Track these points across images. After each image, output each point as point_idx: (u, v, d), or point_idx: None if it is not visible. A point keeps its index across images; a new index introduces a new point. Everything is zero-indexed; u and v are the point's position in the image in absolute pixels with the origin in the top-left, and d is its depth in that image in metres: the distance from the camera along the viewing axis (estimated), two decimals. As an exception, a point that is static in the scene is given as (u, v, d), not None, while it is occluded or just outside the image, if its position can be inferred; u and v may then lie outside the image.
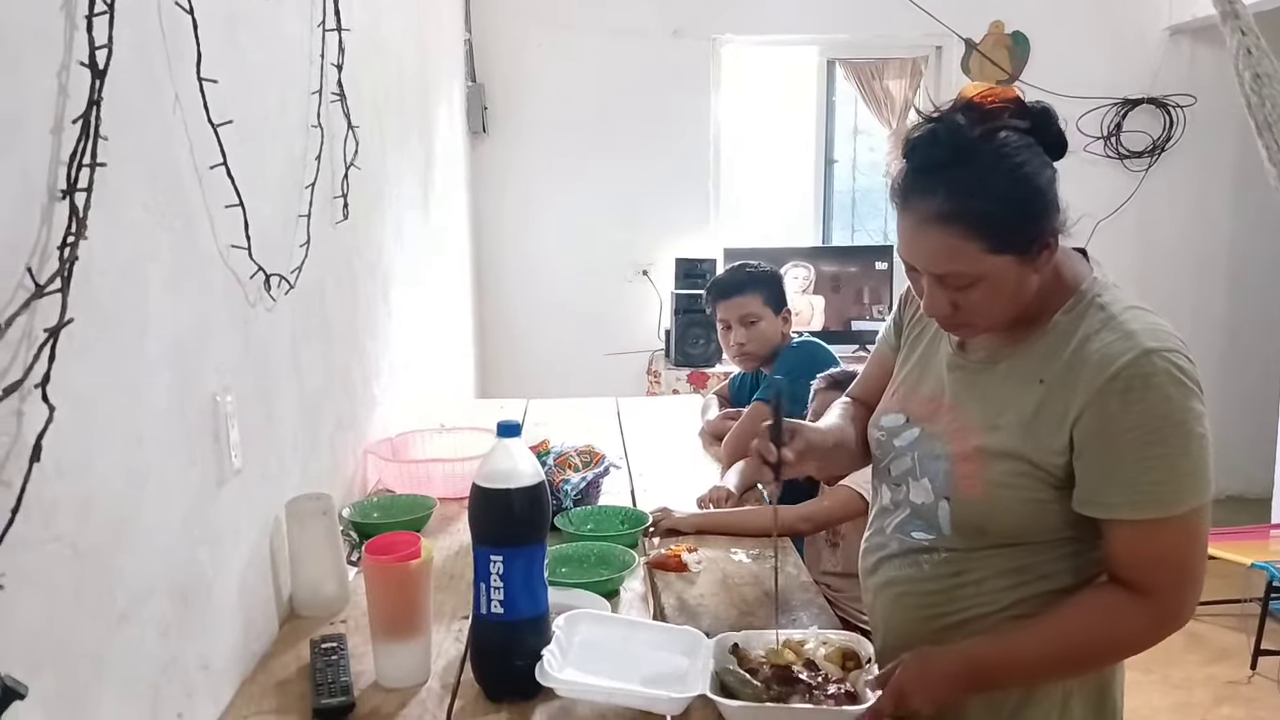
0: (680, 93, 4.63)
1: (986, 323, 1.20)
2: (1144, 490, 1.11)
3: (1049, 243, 1.15)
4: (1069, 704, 1.23)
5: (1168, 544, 1.12)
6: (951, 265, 1.14)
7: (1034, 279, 1.17)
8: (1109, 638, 1.16)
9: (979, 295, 1.15)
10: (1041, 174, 1.14)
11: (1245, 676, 3.30)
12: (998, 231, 1.11)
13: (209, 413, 1.24)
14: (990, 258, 1.12)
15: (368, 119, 2.10)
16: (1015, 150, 1.13)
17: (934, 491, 1.25)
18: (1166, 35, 4.66)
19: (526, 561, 1.21)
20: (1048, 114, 1.18)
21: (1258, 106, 1.01)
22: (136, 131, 1.05)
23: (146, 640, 1.06)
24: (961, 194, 1.11)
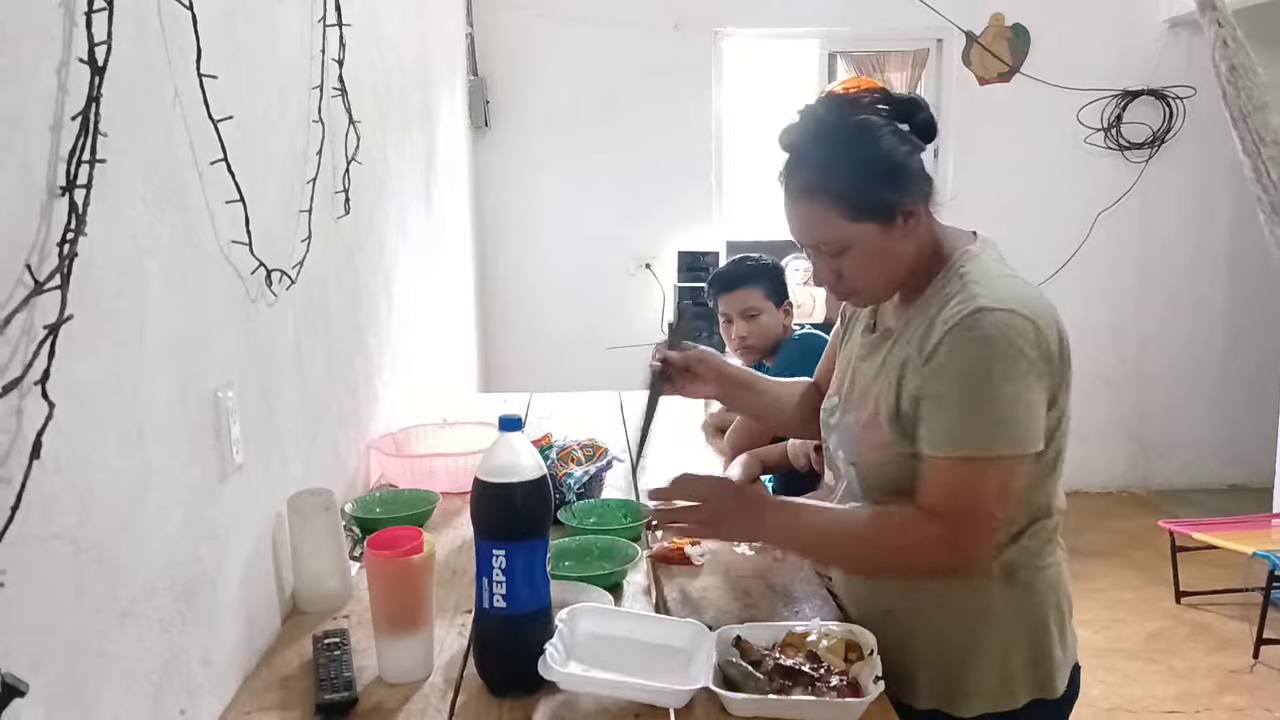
0: (682, 86, 4.63)
1: (869, 289, 1.34)
2: (950, 428, 1.21)
3: (910, 210, 1.27)
4: (1008, 656, 1.31)
5: (957, 481, 1.21)
6: (819, 234, 1.29)
7: (904, 246, 1.29)
8: (895, 544, 1.27)
9: (853, 261, 1.29)
10: (896, 148, 1.27)
11: (1248, 665, 3.31)
12: (854, 200, 1.25)
13: (210, 408, 1.24)
14: (852, 225, 1.26)
15: (369, 114, 2.10)
16: (872, 128, 1.27)
17: (845, 460, 1.39)
18: (1166, 27, 4.65)
19: (529, 555, 1.21)
20: (914, 102, 1.31)
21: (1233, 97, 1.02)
22: (136, 128, 1.05)
23: (148, 637, 1.06)
24: (819, 169, 1.27)
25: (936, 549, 1.24)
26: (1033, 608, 1.32)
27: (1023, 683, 1.31)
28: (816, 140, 1.28)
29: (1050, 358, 1.22)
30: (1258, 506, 4.02)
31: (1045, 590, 1.33)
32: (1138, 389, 5.00)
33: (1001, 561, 1.29)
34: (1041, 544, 1.32)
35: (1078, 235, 4.80)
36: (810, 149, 1.28)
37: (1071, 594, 1.38)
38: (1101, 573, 4.03)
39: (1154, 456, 5.06)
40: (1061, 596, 1.35)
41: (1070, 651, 1.36)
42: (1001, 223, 4.65)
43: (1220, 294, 4.93)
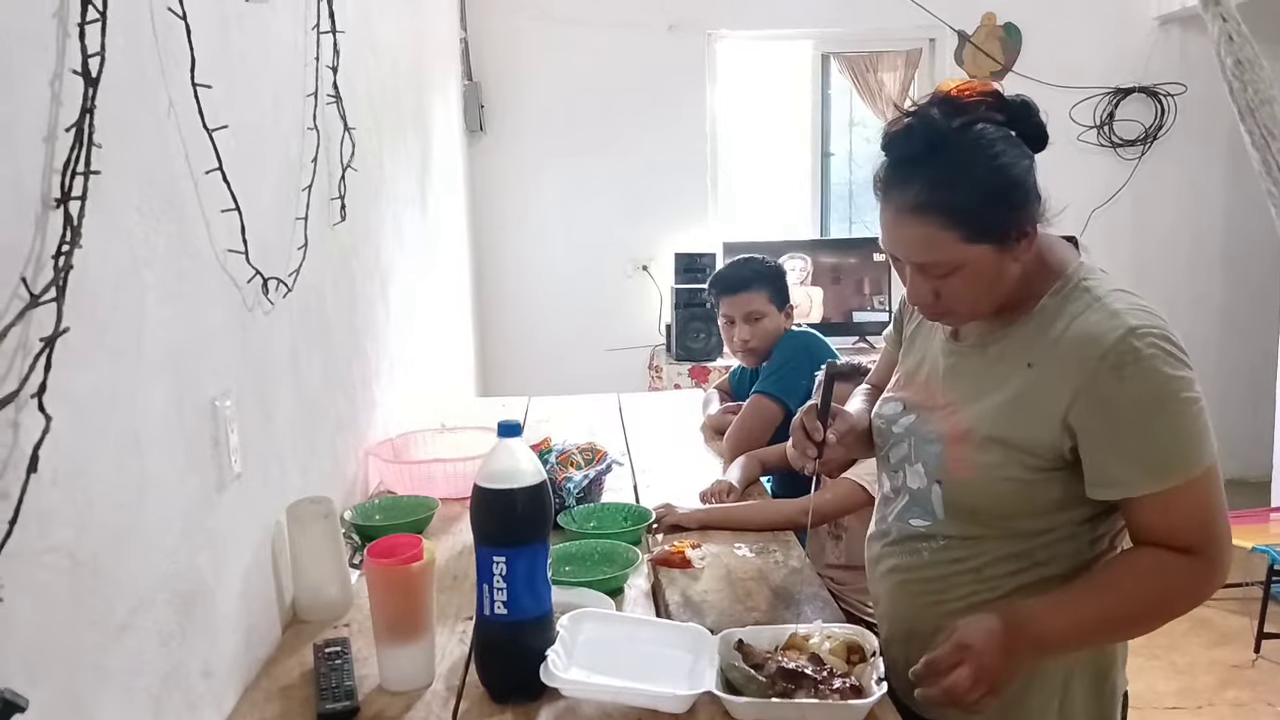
0: (677, 88, 4.63)
1: (968, 310, 1.24)
2: (1154, 463, 1.13)
3: (1026, 231, 1.18)
4: (1070, 685, 1.25)
5: (1192, 506, 1.14)
6: (930, 255, 1.18)
7: (1014, 267, 1.19)
8: (1161, 594, 1.17)
9: (958, 283, 1.18)
10: (1017, 164, 1.17)
11: (1249, 660, 3.31)
12: (973, 221, 1.15)
13: (208, 418, 1.23)
14: (967, 247, 1.15)
15: (364, 120, 2.10)
16: (990, 142, 1.16)
17: (927, 475, 1.28)
18: (1156, 24, 4.66)
19: (530, 561, 1.21)
20: (1026, 106, 1.21)
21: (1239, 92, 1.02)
22: (131, 138, 1.05)
23: (147, 649, 1.05)
24: (937, 185, 1.15)
25: (1202, 580, 1.17)
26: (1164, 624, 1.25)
27: (1082, 711, 1.26)
28: (931, 150, 1.16)
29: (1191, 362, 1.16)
30: (1256, 500, 4.01)
31: None
32: (1135, 385, 5.01)
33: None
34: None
35: (1072, 232, 4.78)
36: (923, 160, 1.16)
37: None
38: (1101, 569, 4.04)
39: (1152, 452, 5.05)
40: None
41: (1123, 678, 1.32)
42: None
43: (1216, 290, 4.94)
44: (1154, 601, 1.18)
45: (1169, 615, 1.22)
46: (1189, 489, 1.13)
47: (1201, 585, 1.18)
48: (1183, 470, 1.13)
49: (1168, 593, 1.18)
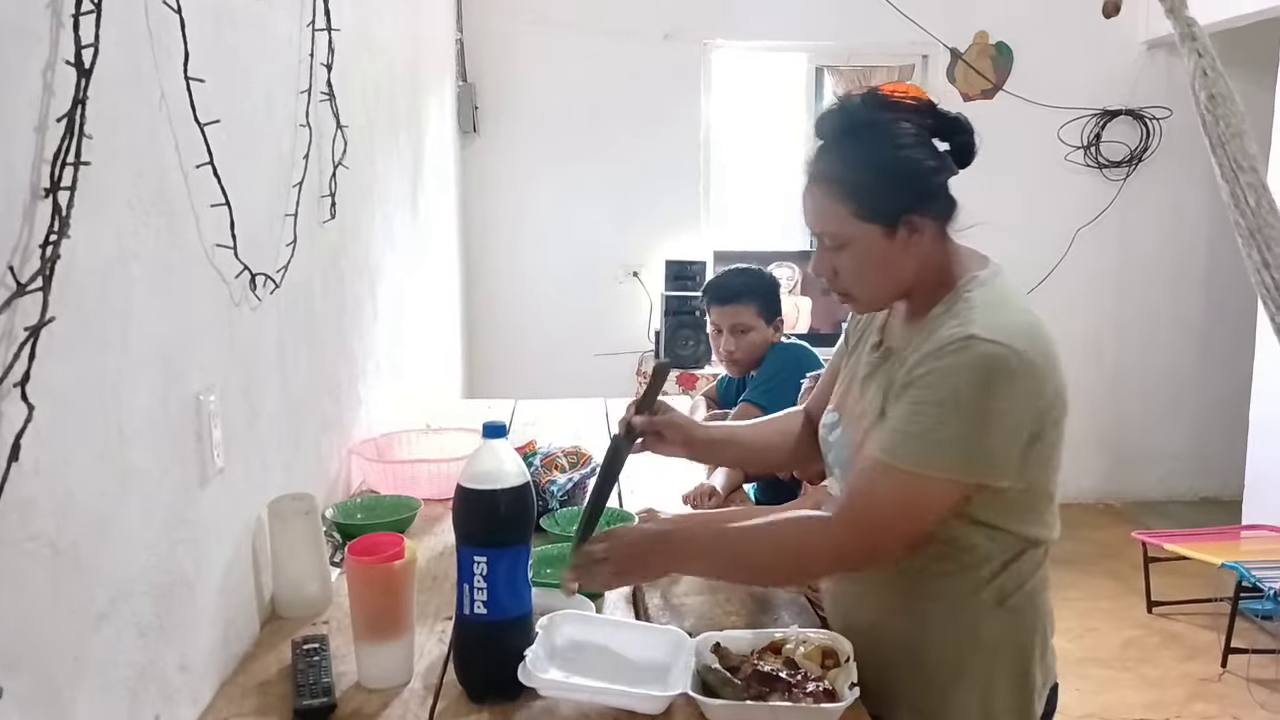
0: (671, 96, 4.65)
1: (863, 294, 1.32)
2: (892, 430, 1.22)
3: (913, 223, 1.25)
4: (993, 679, 1.30)
5: (875, 484, 1.22)
6: (823, 224, 1.28)
7: (905, 260, 1.27)
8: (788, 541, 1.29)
9: (849, 260, 1.28)
10: (920, 161, 1.25)
11: (1217, 674, 3.37)
12: (863, 199, 1.24)
13: (192, 412, 1.24)
14: (856, 223, 1.25)
15: (357, 118, 2.10)
16: (899, 134, 1.25)
17: (840, 477, 1.39)
18: (1144, 49, 4.72)
19: (511, 562, 1.21)
20: (958, 122, 1.29)
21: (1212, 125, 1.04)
22: (122, 130, 1.05)
23: (125, 641, 1.05)
24: (838, 160, 1.26)
25: (827, 549, 1.26)
26: (1020, 633, 1.31)
27: (1004, 707, 1.31)
28: (845, 131, 1.27)
29: (1039, 394, 1.20)
30: (1228, 518, 4.10)
31: (1033, 615, 1.32)
32: (1115, 402, 5.05)
33: (995, 586, 1.28)
34: (1032, 570, 1.30)
35: (1058, 250, 4.84)
36: (837, 139, 1.27)
37: (1054, 618, 1.37)
38: (1077, 582, 4.07)
39: (1130, 469, 5.11)
40: (1047, 621, 1.35)
41: (1050, 673, 1.36)
42: (983, 237, 4.71)
43: (1196, 311, 5.00)
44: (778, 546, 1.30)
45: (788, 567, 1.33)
46: (886, 469, 1.20)
47: (817, 551, 1.27)
48: (895, 451, 1.19)
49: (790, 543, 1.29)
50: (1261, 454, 3.87)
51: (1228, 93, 1.04)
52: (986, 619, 1.29)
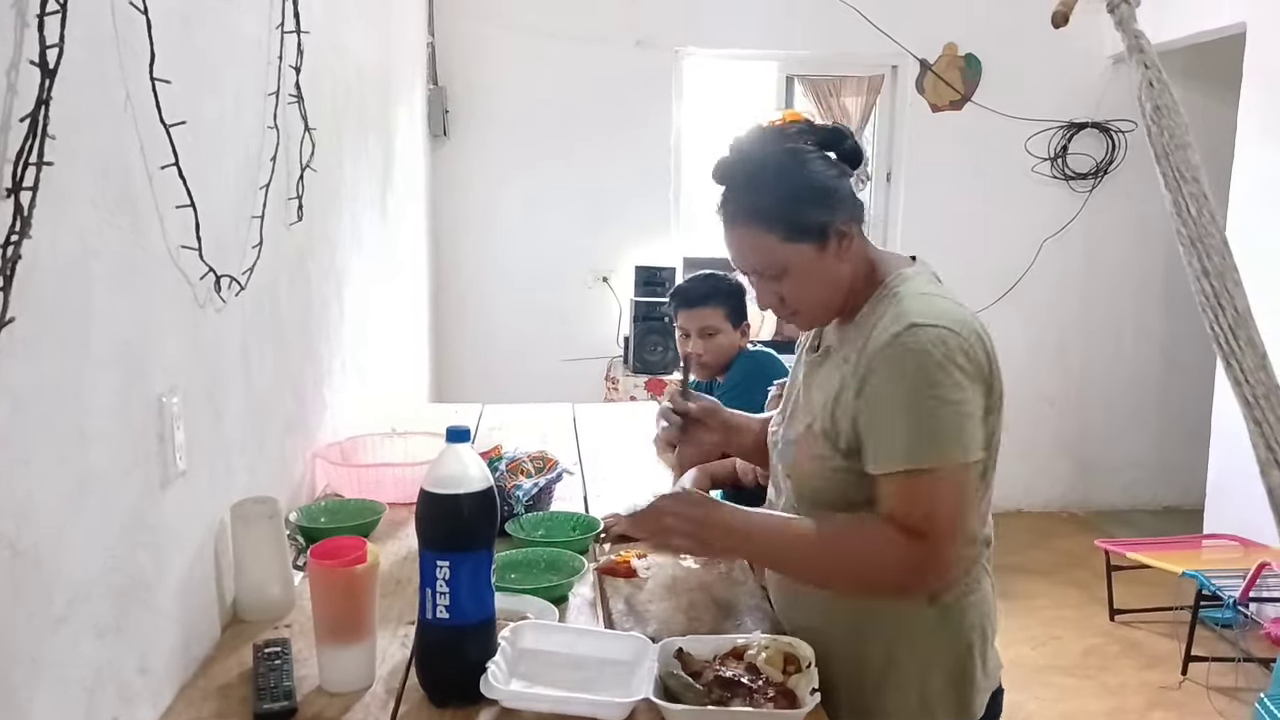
0: (642, 102, 4.67)
1: (809, 310, 1.38)
2: (890, 445, 1.24)
3: (842, 231, 1.31)
4: (927, 678, 1.33)
5: (915, 496, 1.24)
6: (758, 259, 1.33)
7: (842, 268, 1.33)
8: (865, 558, 1.28)
9: (792, 284, 1.33)
10: (823, 172, 1.32)
11: (1176, 682, 3.41)
12: (787, 222, 1.29)
13: (154, 414, 1.23)
14: (788, 246, 1.30)
15: (325, 121, 2.10)
16: (797, 154, 1.32)
17: (783, 472, 1.44)
18: (1110, 63, 4.81)
19: (473, 567, 1.21)
20: (838, 132, 1.37)
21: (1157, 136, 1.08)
22: (86, 130, 1.05)
23: (83, 643, 1.05)
24: (751, 195, 1.32)
25: (911, 564, 1.24)
26: (956, 633, 1.34)
27: (941, 705, 1.33)
28: (747, 169, 1.33)
29: (982, 372, 1.25)
30: (1190, 527, 4.15)
31: (970, 616, 1.35)
32: (1079, 412, 5.12)
33: None
34: (966, 566, 1.33)
35: (1024, 261, 4.91)
36: (742, 178, 1.33)
37: (996, 618, 1.40)
38: (1041, 591, 4.12)
39: (1094, 477, 5.17)
40: (986, 623, 1.37)
41: (992, 676, 1.39)
42: (951, 246, 4.79)
43: (1159, 322, 5.08)
44: (856, 561, 1.29)
45: (867, 582, 1.32)
46: (915, 479, 1.23)
47: (909, 570, 1.26)
48: (910, 458, 1.22)
49: (871, 560, 1.28)
50: (1223, 463, 3.93)
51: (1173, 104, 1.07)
52: (920, 618, 1.32)
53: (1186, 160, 1.07)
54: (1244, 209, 3.83)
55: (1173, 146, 1.05)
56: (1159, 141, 1.06)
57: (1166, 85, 1.07)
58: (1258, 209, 3.77)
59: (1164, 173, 1.08)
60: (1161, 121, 1.06)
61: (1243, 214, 3.83)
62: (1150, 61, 1.08)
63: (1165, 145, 1.05)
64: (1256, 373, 1.39)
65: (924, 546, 1.23)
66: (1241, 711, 3.15)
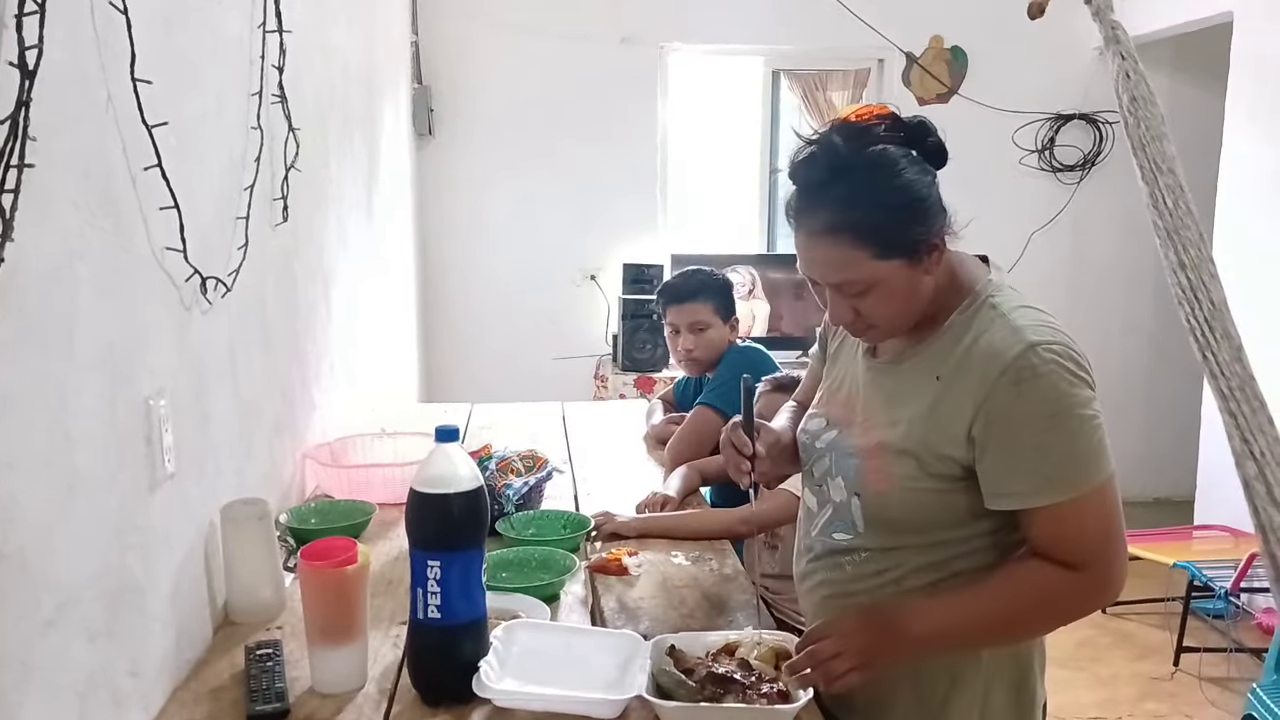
0: (628, 99, 4.66)
1: (888, 325, 1.27)
2: (1046, 476, 1.17)
3: (935, 244, 1.22)
4: (990, 693, 1.29)
5: (1083, 521, 1.18)
6: (843, 274, 1.22)
7: (927, 281, 1.24)
8: (1039, 605, 1.22)
9: (875, 300, 1.22)
10: (919, 180, 1.21)
11: (1168, 673, 3.41)
12: (882, 238, 1.19)
13: (141, 416, 1.22)
14: (878, 263, 1.19)
15: (310, 120, 2.09)
16: (891, 161, 1.20)
17: (846, 488, 1.31)
18: (1096, 53, 4.80)
19: (464, 566, 1.21)
20: (924, 126, 1.24)
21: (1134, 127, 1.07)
22: (68, 132, 1.04)
23: (73, 647, 1.04)
24: (843, 207, 1.19)
25: (1081, 595, 1.21)
26: (1021, 645, 1.31)
27: (1001, 718, 1.30)
28: (835, 175, 1.19)
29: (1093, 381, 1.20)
30: (1180, 519, 4.15)
31: None
32: (1069, 404, 5.12)
33: None
34: None
35: (1012, 253, 4.91)
36: (829, 184, 1.20)
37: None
38: (1032, 583, 4.13)
39: (1084, 470, 5.16)
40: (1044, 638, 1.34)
41: (1042, 690, 1.35)
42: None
43: (1148, 313, 5.08)
44: (1031, 611, 1.23)
45: (1047, 625, 1.28)
46: (1078, 504, 1.17)
47: (1080, 600, 1.22)
48: (1072, 485, 1.16)
49: (1046, 604, 1.22)
50: (1213, 455, 3.91)
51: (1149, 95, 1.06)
52: None
53: (1163, 152, 1.07)
54: (1232, 198, 3.83)
55: (1149, 138, 1.05)
56: (1136, 133, 1.06)
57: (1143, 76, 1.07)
58: (1245, 198, 3.78)
59: (1141, 165, 1.08)
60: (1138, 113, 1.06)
61: (1231, 203, 3.84)
62: (1127, 52, 1.08)
63: (1142, 137, 1.05)
64: (1232, 365, 1.39)
65: (1086, 576, 1.18)
66: (1234, 702, 3.14)
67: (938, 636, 1.23)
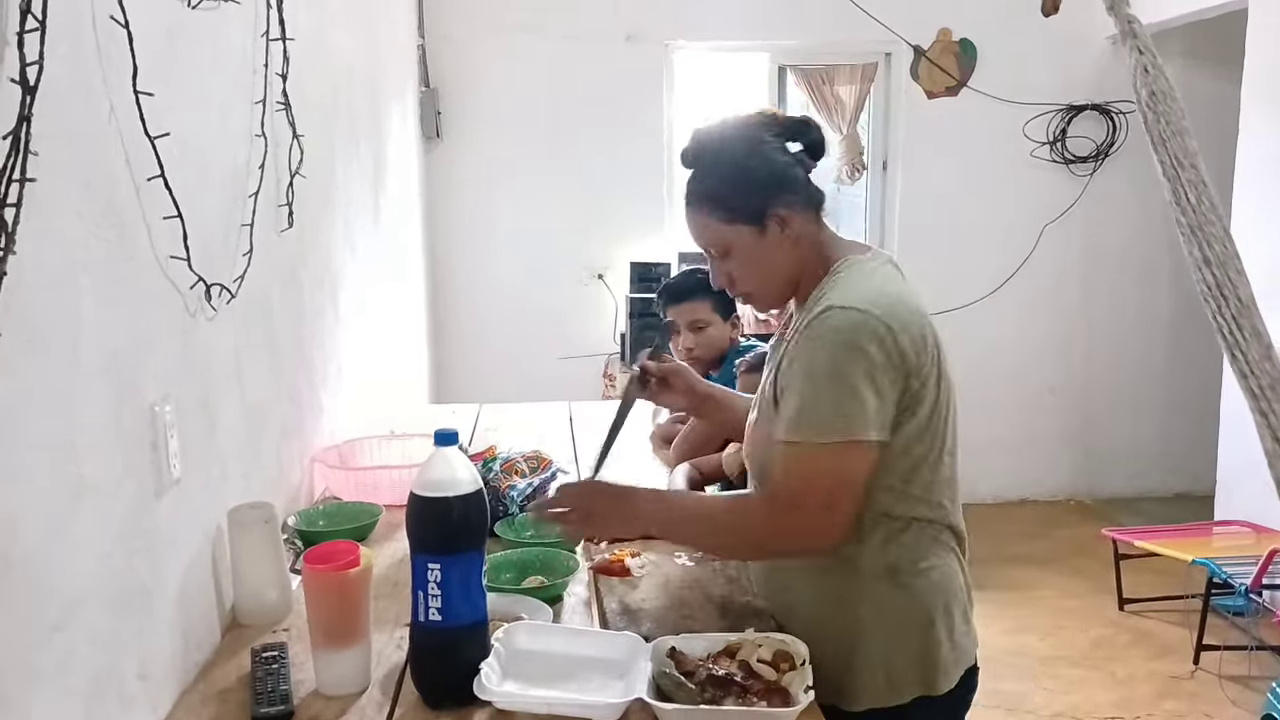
0: (634, 97, 4.67)
1: (757, 292, 1.45)
2: (785, 416, 1.31)
3: (780, 216, 1.37)
4: (892, 655, 1.37)
5: (790, 464, 1.31)
6: (703, 238, 1.43)
7: (782, 253, 1.39)
8: (739, 526, 1.39)
9: (736, 264, 1.41)
10: (771, 159, 1.38)
11: (1188, 671, 3.36)
12: (726, 204, 1.38)
13: (147, 423, 1.24)
14: (727, 227, 1.39)
15: (314, 126, 2.10)
16: (749, 142, 1.39)
17: (748, 458, 1.50)
18: (1109, 43, 4.76)
19: (464, 569, 1.22)
20: (803, 122, 1.43)
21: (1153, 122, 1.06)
22: (70, 144, 1.05)
23: (81, 650, 1.06)
24: (701, 178, 1.41)
25: (773, 528, 1.33)
26: (916, 609, 1.37)
27: (909, 680, 1.37)
28: (698, 155, 1.42)
29: (902, 357, 1.28)
30: (1199, 514, 4.09)
31: (929, 592, 1.37)
32: (1084, 399, 5.09)
33: (883, 563, 1.36)
34: (925, 546, 1.37)
35: (1024, 247, 4.89)
36: (695, 162, 1.42)
37: (966, 596, 1.43)
38: (1047, 580, 4.09)
39: (1100, 466, 5.12)
40: (951, 599, 1.39)
41: (963, 652, 1.41)
42: (950, 234, 4.78)
43: (1164, 306, 5.04)
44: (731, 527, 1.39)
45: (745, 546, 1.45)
46: (797, 449, 1.29)
47: (771, 531, 1.34)
48: (794, 431, 1.29)
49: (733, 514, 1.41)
50: (1233, 449, 3.86)
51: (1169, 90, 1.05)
52: (879, 595, 1.36)
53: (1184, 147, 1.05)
54: (1248, 188, 3.78)
55: (1170, 133, 1.05)
56: (1155, 129, 1.05)
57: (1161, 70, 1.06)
58: (1262, 188, 3.72)
59: (1161, 161, 1.07)
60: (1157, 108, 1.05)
61: (1246, 193, 3.78)
62: (1145, 46, 1.07)
63: (1162, 132, 1.04)
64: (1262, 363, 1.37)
65: (784, 511, 1.31)
66: (1255, 700, 3.09)
67: (654, 517, 1.45)
